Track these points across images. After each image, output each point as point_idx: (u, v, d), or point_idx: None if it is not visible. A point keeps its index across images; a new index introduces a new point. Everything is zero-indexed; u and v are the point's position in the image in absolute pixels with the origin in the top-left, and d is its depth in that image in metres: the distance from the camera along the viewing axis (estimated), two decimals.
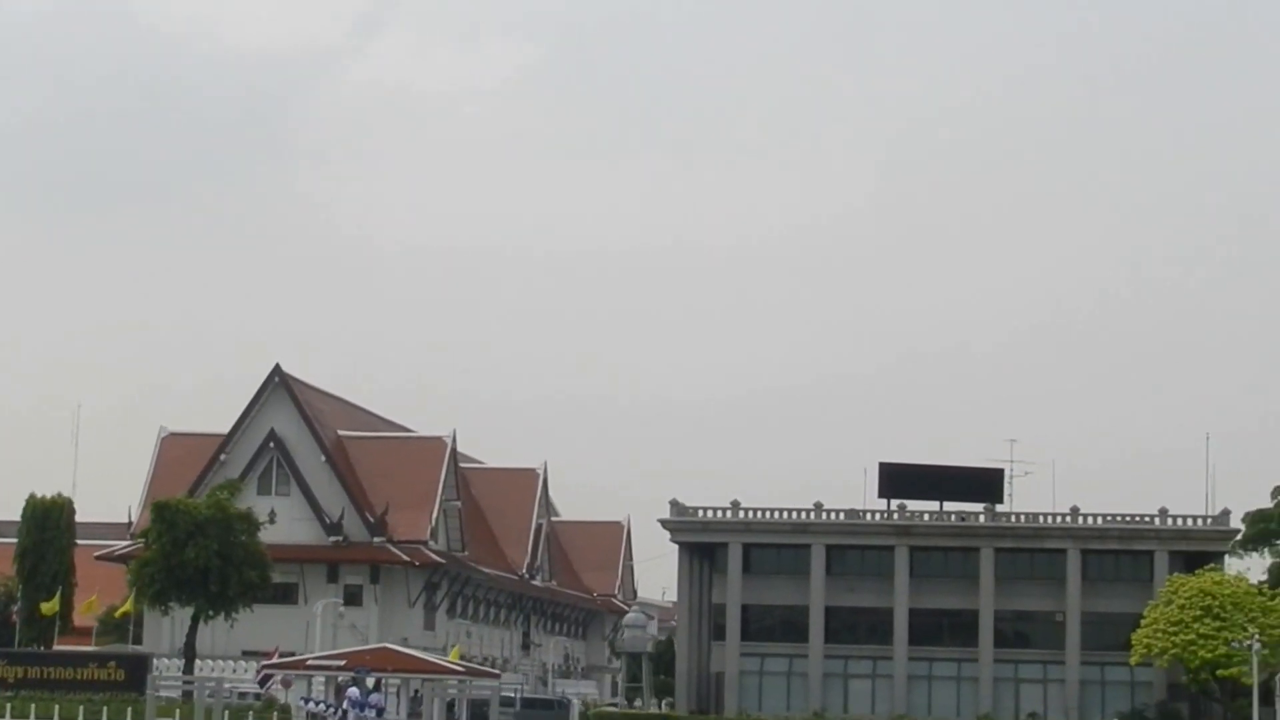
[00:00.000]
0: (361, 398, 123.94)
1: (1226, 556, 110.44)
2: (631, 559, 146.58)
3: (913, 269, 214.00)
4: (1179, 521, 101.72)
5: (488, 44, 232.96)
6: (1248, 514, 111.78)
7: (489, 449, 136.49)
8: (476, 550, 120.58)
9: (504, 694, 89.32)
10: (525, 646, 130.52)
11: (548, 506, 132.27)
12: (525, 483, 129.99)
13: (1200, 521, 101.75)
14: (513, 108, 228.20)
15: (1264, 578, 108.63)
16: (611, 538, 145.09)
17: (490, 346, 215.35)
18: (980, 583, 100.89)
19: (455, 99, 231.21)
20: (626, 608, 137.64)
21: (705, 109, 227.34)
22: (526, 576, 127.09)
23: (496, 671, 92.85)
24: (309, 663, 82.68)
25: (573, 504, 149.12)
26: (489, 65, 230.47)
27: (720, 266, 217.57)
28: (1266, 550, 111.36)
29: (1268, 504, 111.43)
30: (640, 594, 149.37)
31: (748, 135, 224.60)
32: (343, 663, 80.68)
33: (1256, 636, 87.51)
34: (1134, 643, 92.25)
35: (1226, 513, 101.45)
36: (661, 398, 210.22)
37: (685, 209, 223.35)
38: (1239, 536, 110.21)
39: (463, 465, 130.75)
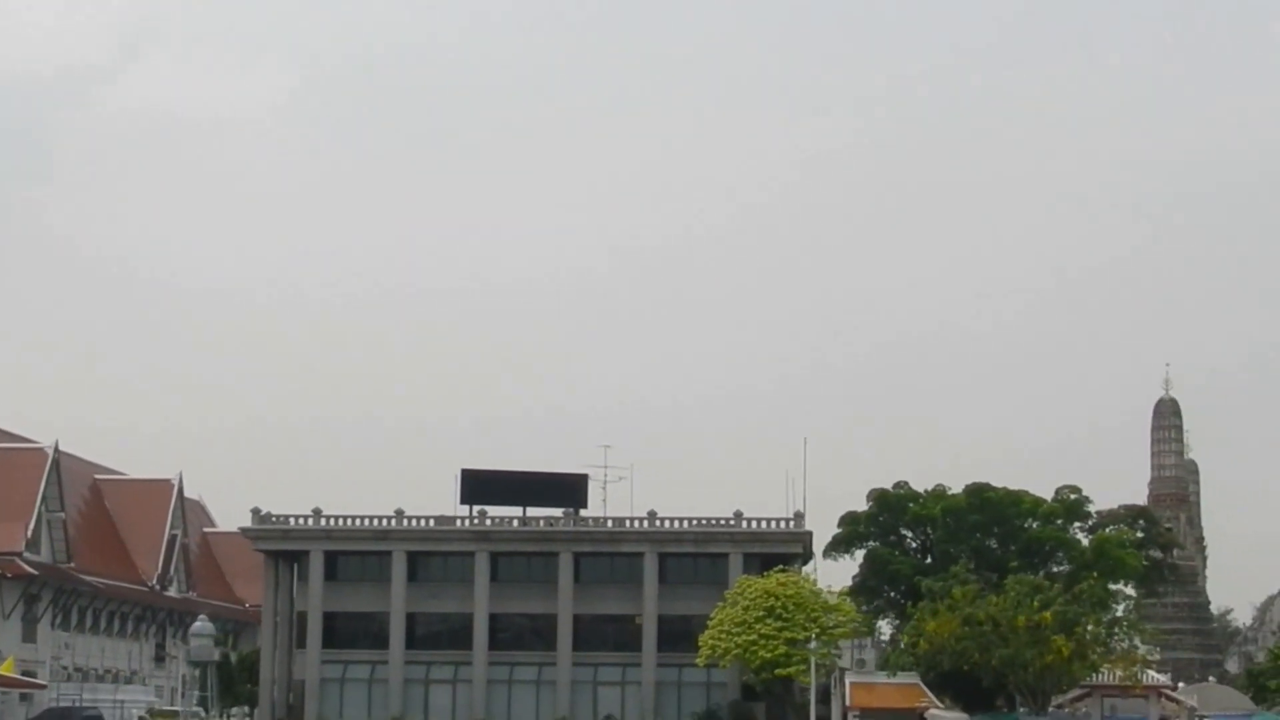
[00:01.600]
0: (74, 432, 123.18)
1: (822, 559, 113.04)
2: None
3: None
4: (754, 524, 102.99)
5: (256, 69, 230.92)
6: (842, 516, 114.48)
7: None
8: (101, 561, 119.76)
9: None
10: (159, 659, 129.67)
11: (184, 517, 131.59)
12: (159, 494, 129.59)
13: (775, 524, 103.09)
14: (279, 135, 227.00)
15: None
16: None
17: (208, 374, 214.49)
18: (559, 587, 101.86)
19: (219, 125, 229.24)
20: None
21: (484, 138, 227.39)
22: (157, 587, 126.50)
23: (43, 683, 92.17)
24: None
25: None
26: (256, 91, 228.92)
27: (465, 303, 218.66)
28: (860, 551, 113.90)
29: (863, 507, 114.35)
30: None
31: (521, 166, 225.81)
32: None
33: (815, 635, 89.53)
34: (700, 644, 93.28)
35: (800, 515, 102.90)
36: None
37: (419, 246, 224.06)
38: (830, 539, 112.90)
39: (100, 477, 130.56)
